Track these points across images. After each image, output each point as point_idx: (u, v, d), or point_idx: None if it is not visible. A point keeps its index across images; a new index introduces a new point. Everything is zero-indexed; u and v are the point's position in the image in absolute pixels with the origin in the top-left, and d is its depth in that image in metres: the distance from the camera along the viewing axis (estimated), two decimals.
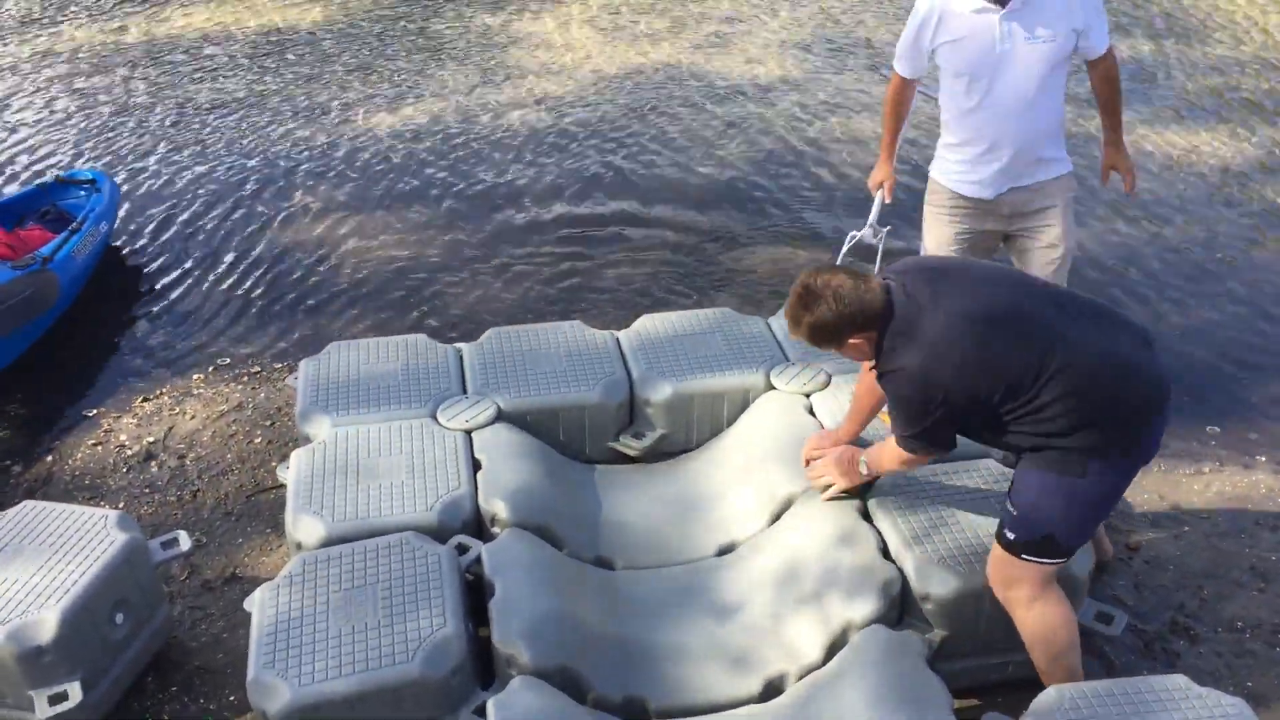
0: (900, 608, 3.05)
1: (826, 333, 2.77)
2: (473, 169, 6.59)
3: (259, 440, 4.37)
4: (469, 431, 3.57)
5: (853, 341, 2.77)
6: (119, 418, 4.55)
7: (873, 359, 2.81)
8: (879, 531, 3.19)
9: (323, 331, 5.09)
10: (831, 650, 2.98)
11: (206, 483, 4.15)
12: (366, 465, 3.40)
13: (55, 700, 2.93)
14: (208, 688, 3.30)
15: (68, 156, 6.80)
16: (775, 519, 3.40)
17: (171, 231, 5.96)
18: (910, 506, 3.21)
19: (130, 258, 5.74)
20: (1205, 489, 4.07)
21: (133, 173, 6.58)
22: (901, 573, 3.04)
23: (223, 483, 4.15)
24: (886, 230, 4.14)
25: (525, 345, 3.94)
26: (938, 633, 3.03)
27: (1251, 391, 4.63)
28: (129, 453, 4.33)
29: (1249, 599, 3.58)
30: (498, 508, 3.29)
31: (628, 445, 3.78)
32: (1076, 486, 2.69)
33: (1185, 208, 6.08)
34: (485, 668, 2.98)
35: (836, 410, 3.59)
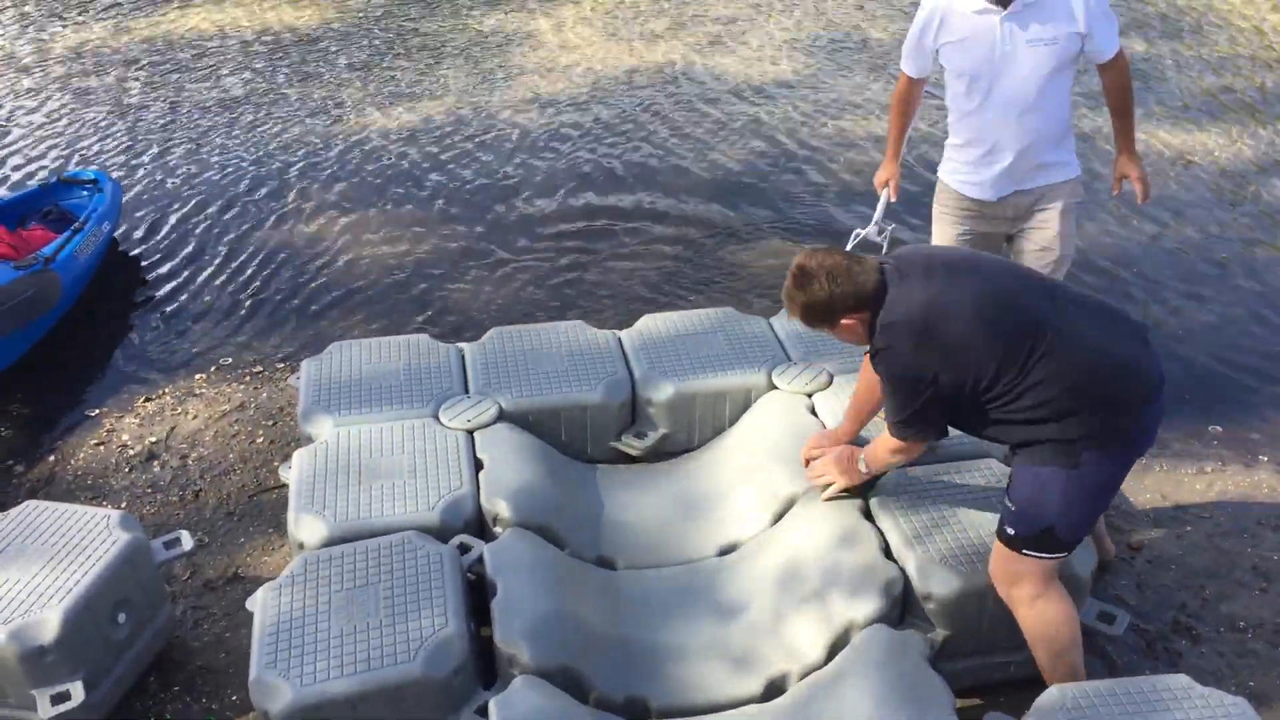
0: (902, 607, 3.05)
1: (819, 312, 2.80)
2: (474, 168, 6.59)
3: (261, 440, 4.37)
4: (471, 431, 3.58)
5: (845, 322, 2.80)
6: (121, 417, 4.55)
7: (866, 341, 2.83)
8: (881, 531, 3.19)
9: (325, 331, 5.09)
10: (833, 650, 2.98)
11: (209, 482, 4.16)
12: (368, 465, 3.40)
13: (58, 700, 2.93)
14: (210, 687, 3.31)
15: (69, 157, 6.81)
16: (777, 519, 3.40)
17: (173, 231, 5.97)
18: (912, 506, 3.21)
19: (132, 258, 5.75)
20: (1207, 488, 4.07)
21: (134, 173, 6.58)
22: (903, 572, 3.04)
23: (225, 482, 4.15)
24: (891, 228, 4.15)
25: (527, 345, 3.94)
26: (940, 632, 3.03)
27: (1253, 391, 4.63)
28: (131, 452, 4.33)
29: (1251, 599, 3.58)
30: (499, 507, 3.29)
31: (630, 445, 3.79)
32: (1072, 478, 2.70)
33: (1185, 208, 6.08)
34: (487, 667, 2.99)
35: (838, 410, 3.59)
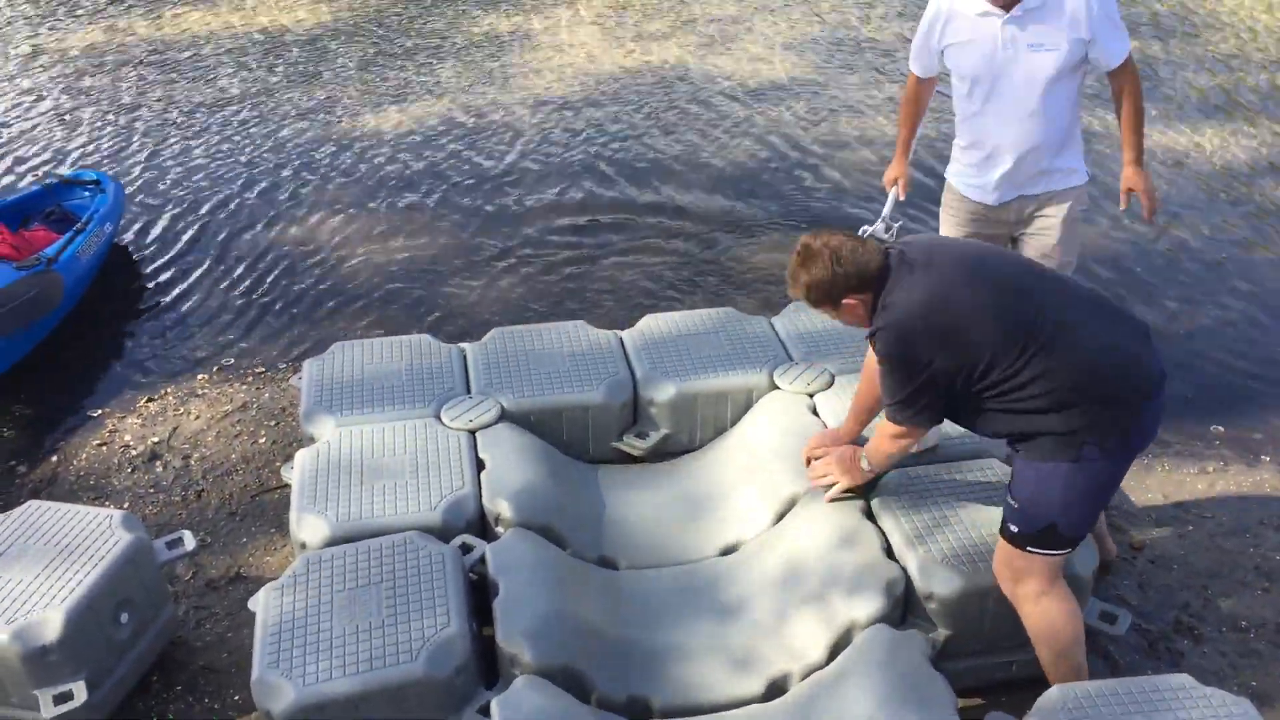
0: (904, 607, 3.05)
1: (822, 291, 2.81)
2: (474, 169, 6.59)
3: (263, 440, 4.38)
4: (473, 431, 3.58)
5: (847, 302, 2.81)
6: (124, 418, 4.55)
7: (868, 324, 2.84)
8: (882, 531, 3.19)
9: (326, 331, 5.10)
10: (835, 650, 2.98)
11: (211, 483, 4.16)
12: (370, 465, 3.40)
13: (60, 700, 2.93)
14: (212, 687, 3.31)
15: (71, 157, 6.82)
16: (779, 519, 3.40)
17: (175, 232, 5.97)
18: (913, 506, 3.21)
19: (134, 258, 5.75)
20: (1209, 488, 4.06)
21: (136, 173, 6.59)
22: (905, 572, 3.05)
23: (227, 483, 4.16)
24: (899, 225, 4.14)
25: (529, 345, 3.94)
26: (941, 632, 3.03)
27: (1255, 391, 4.62)
28: (134, 453, 4.34)
29: (1253, 598, 3.58)
30: (501, 507, 3.29)
31: (631, 445, 3.79)
32: (1073, 472, 2.70)
33: (1186, 207, 6.07)
34: (489, 667, 2.99)
35: (840, 410, 3.59)
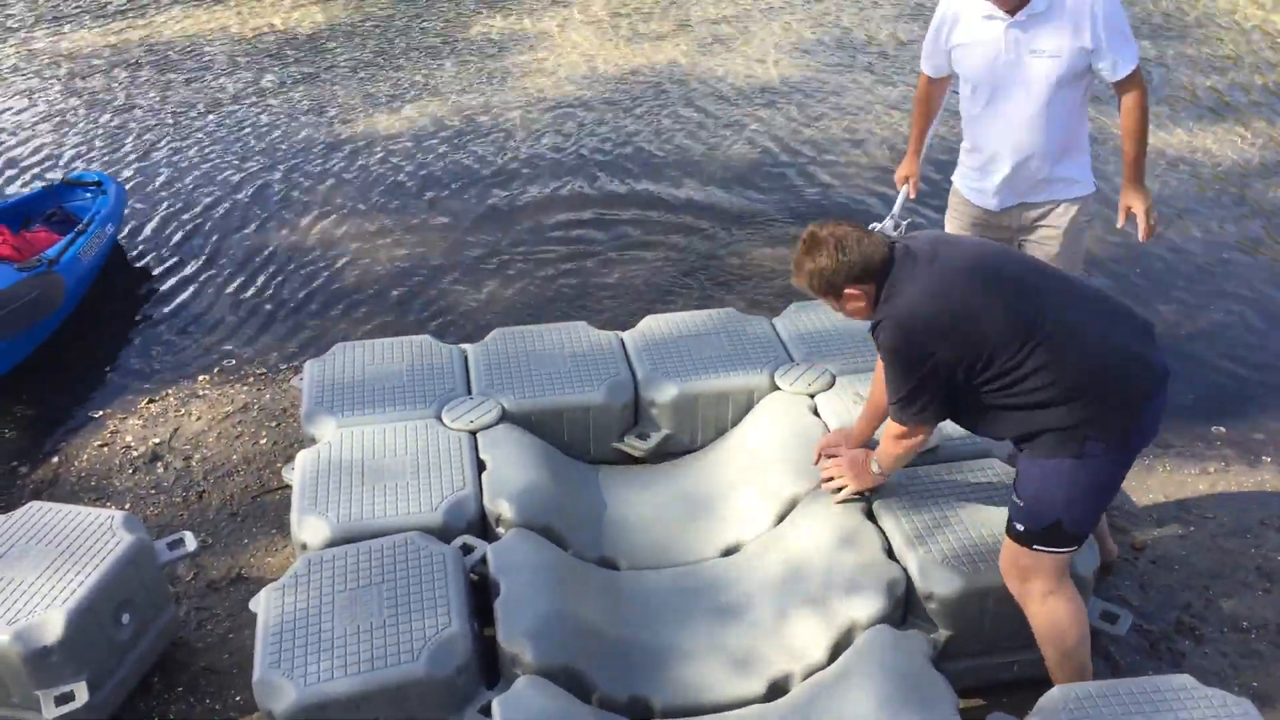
0: (905, 607, 3.05)
1: (825, 280, 2.82)
2: (475, 169, 6.60)
3: (264, 441, 4.38)
4: (474, 432, 3.58)
5: (850, 292, 2.81)
6: (125, 419, 4.56)
7: (870, 315, 2.84)
8: (883, 531, 3.19)
9: (328, 332, 5.10)
10: (836, 650, 2.98)
11: (212, 484, 4.16)
12: (371, 466, 3.40)
13: (62, 700, 2.93)
14: (213, 688, 3.31)
15: (72, 159, 6.82)
16: (780, 519, 3.40)
17: (176, 233, 5.98)
18: (914, 506, 3.21)
19: (136, 260, 5.76)
20: (1211, 489, 4.06)
21: (137, 175, 6.59)
22: (906, 572, 3.04)
23: (228, 484, 4.16)
24: (907, 223, 4.14)
25: (530, 346, 3.94)
26: (942, 632, 3.03)
27: (1256, 391, 4.62)
28: (135, 454, 4.34)
29: (1255, 599, 3.57)
30: (502, 508, 3.29)
31: (632, 446, 3.79)
32: (1076, 468, 2.70)
33: (1186, 208, 6.07)
34: (490, 667, 2.99)
35: (841, 411, 3.59)
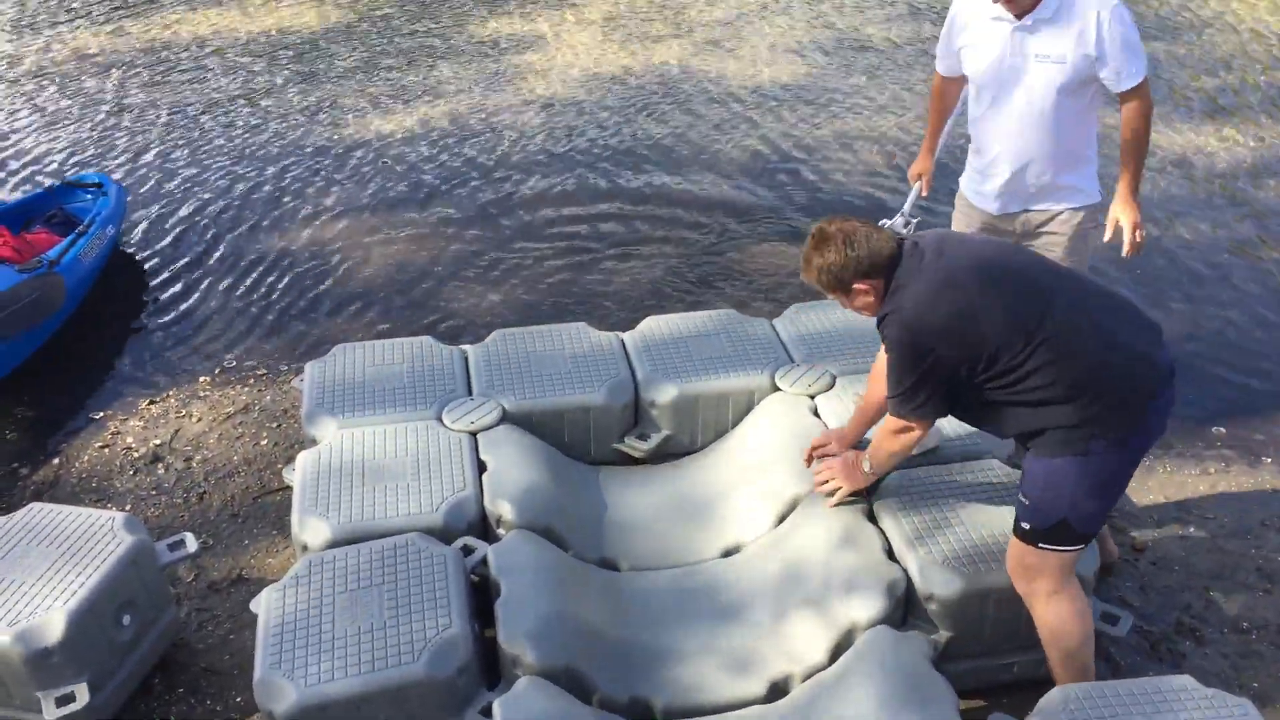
0: (905, 608, 3.05)
1: (833, 275, 2.82)
2: (475, 171, 6.60)
3: (265, 442, 4.38)
4: (474, 433, 3.58)
5: (858, 287, 2.81)
6: (125, 420, 4.56)
7: (877, 311, 2.84)
8: (883, 532, 3.19)
9: (328, 334, 5.10)
10: (836, 651, 2.98)
11: (213, 485, 4.16)
12: (372, 467, 3.41)
13: (63, 702, 2.94)
14: (214, 689, 3.31)
15: (71, 160, 6.82)
16: (780, 520, 3.40)
17: (177, 235, 5.98)
18: (914, 507, 3.21)
19: (136, 261, 5.76)
20: (1211, 489, 4.06)
21: (137, 176, 6.59)
22: (906, 573, 3.05)
23: (229, 485, 4.16)
24: (916, 222, 4.13)
25: (530, 347, 3.94)
26: (942, 634, 3.03)
27: (1257, 392, 4.62)
28: (135, 455, 4.34)
29: (1255, 600, 3.58)
30: (503, 509, 3.29)
31: (633, 447, 3.79)
32: (1082, 466, 2.70)
33: (1186, 208, 6.07)
34: (491, 668, 2.99)
35: (841, 411, 3.59)
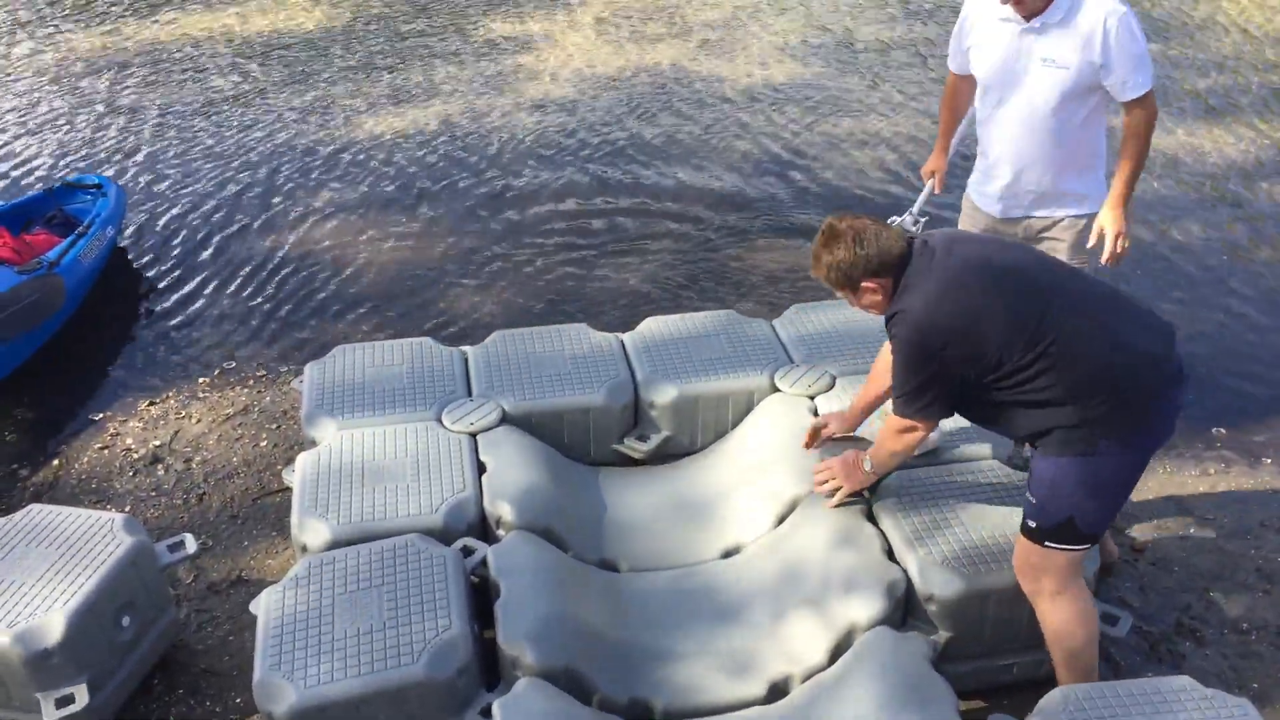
0: (904, 609, 3.05)
1: (843, 272, 2.82)
2: (474, 172, 6.60)
3: (265, 444, 4.38)
4: (474, 434, 3.58)
5: (866, 285, 2.81)
6: (125, 421, 4.56)
7: (885, 309, 2.84)
8: (883, 533, 3.19)
9: (328, 335, 5.10)
10: (836, 652, 2.98)
11: (212, 486, 4.16)
12: (372, 468, 3.41)
13: (62, 703, 2.93)
14: (214, 690, 3.31)
15: (71, 161, 6.82)
16: (780, 521, 3.40)
17: (177, 236, 5.98)
18: (914, 507, 3.21)
19: (136, 262, 5.76)
20: (1211, 490, 4.06)
21: (137, 177, 6.59)
22: (905, 574, 3.05)
23: (229, 486, 4.16)
24: (926, 219, 4.13)
25: (530, 348, 3.94)
26: (942, 634, 3.03)
27: (1257, 393, 4.62)
28: (135, 456, 4.34)
29: (1255, 600, 3.58)
30: (503, 510, 3.29)
31: (632, 448, 3.79)
32: (1087, 465, 2.70)
33: (1186, 208, 6.07)
34: (490, 669, 2.99)
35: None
